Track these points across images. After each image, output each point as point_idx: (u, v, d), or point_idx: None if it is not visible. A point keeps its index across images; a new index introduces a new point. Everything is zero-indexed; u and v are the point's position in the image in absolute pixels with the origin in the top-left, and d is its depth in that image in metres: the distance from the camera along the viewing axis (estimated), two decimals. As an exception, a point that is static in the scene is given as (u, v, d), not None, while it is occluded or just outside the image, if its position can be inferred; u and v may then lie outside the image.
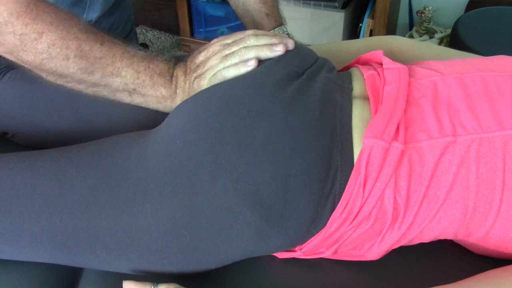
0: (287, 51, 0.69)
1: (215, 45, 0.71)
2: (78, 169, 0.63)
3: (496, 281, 0.58)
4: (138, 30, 2.25)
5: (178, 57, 0.75)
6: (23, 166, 0.65)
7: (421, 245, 0.66)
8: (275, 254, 0.68)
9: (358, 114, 0.63)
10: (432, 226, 0.61)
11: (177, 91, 0.71)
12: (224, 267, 0.66)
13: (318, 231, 0.61)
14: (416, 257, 0.68)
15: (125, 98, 0.71)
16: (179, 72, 0.71)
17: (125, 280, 0.62)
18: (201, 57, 0.71)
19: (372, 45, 0.77)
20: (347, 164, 0.60)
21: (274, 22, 0.92)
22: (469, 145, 0.59)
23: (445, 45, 1.67)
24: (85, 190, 0.62)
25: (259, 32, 0.71)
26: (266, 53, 0.67)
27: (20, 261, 0.68)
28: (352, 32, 1.89)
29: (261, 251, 0.63)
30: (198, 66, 0.70)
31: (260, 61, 0.68)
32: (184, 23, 2.06)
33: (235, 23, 1.96)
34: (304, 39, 1.82)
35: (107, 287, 0.67)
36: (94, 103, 0.77)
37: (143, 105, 0.72)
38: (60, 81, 0.69)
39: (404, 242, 0.63)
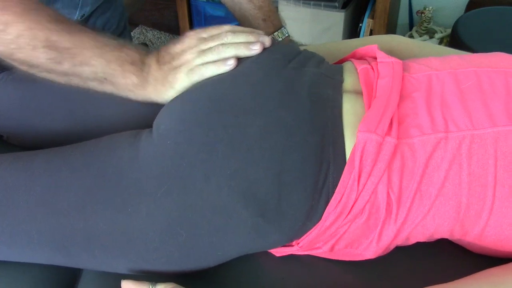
0: (266, 48, 0.69)
1: (191, 38, 0.71)
2: (73, 170, 0.63)
3: (495, 280, 0.58)
4: (138, 30, 2.25)
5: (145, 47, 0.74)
6: (18, 167, 0.65)
7: (420, 245, 0.66)
8: (272, 251, 0.68)
9: (350, 108, 0.63)
10: (426, 222, 0.61)
11: (149, 79, 0.70)
12: (223, 267, 0.66)
13: (314, 225, 0.61)
14: (415, 257, 0.68)
15: (97, 86, 0.70)
16: (151, 61, 0.71)
17: (124, 279, 0.62)
18: (176, 48, 0.70)
19: (372, 44, 0.76)
20: (339, 158, 0.60)
21: (272, 27, 0.92)
22: (461, 142, 0.59)
23: (445, 45, 1.67)
24: (80, 191, 0.62)
25: (237, 28, 0.71)
26: (244, 52, 0.67)
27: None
28: (352, 32, 1.89)
29: (258, 247, 0.64)
30: (172, 58, 0.70)
31: (238, 59, 0.67)
32: (184, 23, 2.06)
33: (235, 23, 1.95)
34: (304, 39, 1.82)
35: (107, 287, 0.67)
36: (85, 104, 0.77)
37: (115, 93, 0.71)
38: (32, 71, 0.69)
39: (400, 240, 0.63)
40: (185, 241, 0.60)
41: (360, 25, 1.82)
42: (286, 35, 0.94)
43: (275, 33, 0.93)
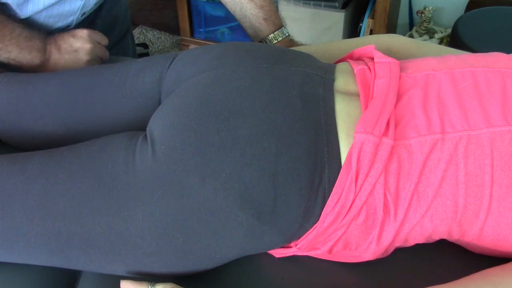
0: (253, 50, 0.69)
1: None
2: (69, 173, 0.63)
3: (494, 280, 0.58)
4: (138, 30, 2.26)
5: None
6: (14, 170, 0.64)
7: (419, 245, 0.66)
8: (271, 253, 0.68)
9: (343, 108, 0.63)
10: (424, 223, 0.61)
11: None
12: (222, 267, 0.66)
13: (312, 226, 0.61)
14: (414, 257, 0.68)
15: (4, 62, 0.87)
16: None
17: (123, 279, 0.62)
18: None
19: (370, 43, 0.76)
20: (334, 158, 0.60)
21: (273, 26, 0.92)
22: (457, 143, 0.59)
23: (445, 45, 1.67)
24: (76, 195, 0.61)
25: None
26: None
27: (18, 262, 0.68)
28: (352, 32, 1.89)
29: (256, 249, 0.64)
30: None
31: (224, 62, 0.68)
32: (184, 23, 2.06)
33: (235, 23, 1.95)
34: (304, 39, 1.82)
35: (107, 287, 0.67)
36: (79, 107, 0.76)
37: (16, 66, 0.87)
38: None
39: (399, 242, 0.63)
40: (182, 245, 0.60)
41: (360, 25, 1.82)
42: (286, 34, 0.94)
43: (275, 33, 0.93)
